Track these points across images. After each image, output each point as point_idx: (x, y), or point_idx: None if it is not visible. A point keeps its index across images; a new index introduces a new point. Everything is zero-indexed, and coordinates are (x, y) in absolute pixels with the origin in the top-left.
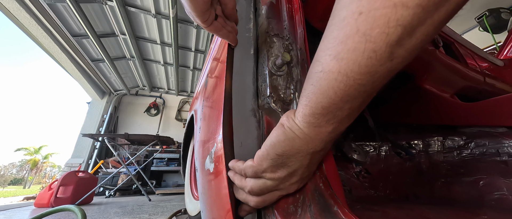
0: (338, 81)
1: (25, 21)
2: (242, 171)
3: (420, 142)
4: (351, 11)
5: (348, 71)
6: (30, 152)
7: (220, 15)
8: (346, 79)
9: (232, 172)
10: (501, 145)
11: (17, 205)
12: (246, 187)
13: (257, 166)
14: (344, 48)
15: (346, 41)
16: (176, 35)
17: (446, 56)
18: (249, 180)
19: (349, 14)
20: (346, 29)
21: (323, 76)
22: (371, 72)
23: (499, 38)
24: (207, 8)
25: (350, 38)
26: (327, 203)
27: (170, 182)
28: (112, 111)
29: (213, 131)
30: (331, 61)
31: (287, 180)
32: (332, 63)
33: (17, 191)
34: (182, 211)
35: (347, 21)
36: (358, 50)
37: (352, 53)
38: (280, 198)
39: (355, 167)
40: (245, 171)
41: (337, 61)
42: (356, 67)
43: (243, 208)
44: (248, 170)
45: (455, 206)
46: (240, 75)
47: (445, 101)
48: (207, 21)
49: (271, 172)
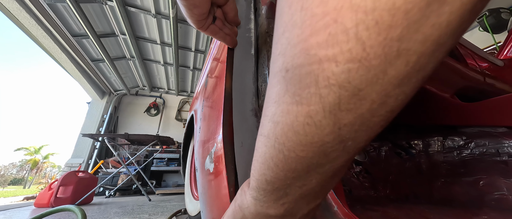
0: (277, 149)
1: (25, 21)
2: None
3: (420, 142)
4: (279, 67)
5: (285, 139)
6: (30, 152)
7: (219, 17)
8: (284, 148)
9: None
10: (501, 145)
11: (17, 205)
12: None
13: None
14: (278, 109)
15: (279, 101)
16: (176, 35)
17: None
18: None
19: (278, 70)
20: (278, 88)
21: (263, 141)
22: (316, 143)
23: (499, 38)
24: (203, 18)
25: (282, 98)
26: (327, 203)
27: (170, 182)
28: (112, 111)
29: (213, 131)
30: (267, 123)
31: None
32: (269, 126)
33: (17, 191)
34: (182, 211)
35: (278, 79)
36: (291, 114)
37: (286, 116)
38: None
39: (355, 167)
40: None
41: (273, 124)
42: (293, 136)
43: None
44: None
45: (455, 206)
46: (240, 75)
47: (445, 101)
48: (202, 27)
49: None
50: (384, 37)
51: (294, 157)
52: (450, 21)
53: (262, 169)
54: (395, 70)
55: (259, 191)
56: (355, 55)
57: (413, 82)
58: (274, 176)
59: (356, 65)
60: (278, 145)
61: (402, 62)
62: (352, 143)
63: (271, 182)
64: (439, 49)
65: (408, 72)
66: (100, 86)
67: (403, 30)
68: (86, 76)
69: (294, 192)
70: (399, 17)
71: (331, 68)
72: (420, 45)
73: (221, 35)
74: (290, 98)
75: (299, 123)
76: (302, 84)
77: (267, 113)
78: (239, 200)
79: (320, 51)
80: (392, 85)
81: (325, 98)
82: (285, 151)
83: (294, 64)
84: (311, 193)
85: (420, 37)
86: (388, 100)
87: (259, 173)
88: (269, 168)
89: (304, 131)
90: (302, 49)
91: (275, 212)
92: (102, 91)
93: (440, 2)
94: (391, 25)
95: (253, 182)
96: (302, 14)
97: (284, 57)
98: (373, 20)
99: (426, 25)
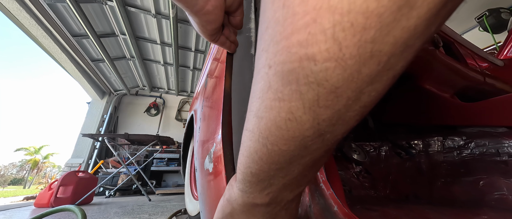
0: (261, 143)
1: (25, 21)
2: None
3: (420, 142)
4: (262, 64)
5: (268, 134)
6: (30, 152)
7: (226, 25)
8: (267, 142)
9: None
10: (501, 145)
11: (17, 205)
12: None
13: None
14: (261, 104)
15: (262, 96)
16: (176, 35)
17: (446, 56)
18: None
19: (261, 67)
20: (261, 84)
21: (248, 135)
22: (297, 137)
23: (499, 38)
24: (216, 32)
25: (265, 94)
26: (327, 203)
27: (170, 182)
28: (112, 111)
29: (213, 131)
30: (252, 118)
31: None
32: (253, 121)
33: (17, 191)
34: (182, 211)
35: (261, 75)
36: (274, 109)
37: (269, 112)
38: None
39: (355, 167)
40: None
41: (257, 119)
42: (276, 130)
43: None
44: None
45: (455, 206)
46: (240, 75)
47: (445, 101)
48: (216, 39)
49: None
50: (359, 39)
51: (277, 150)
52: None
53: (247, 162)
54: (368, 69)
55: (245, 183)
56: (332, 55)
57: (384, 80)
58: (258, 169)
59: (333, 64)
60: (262, 139)
61: (375, 62)
62: (330, 136)
63: (256, 174)
64: (407, 50)
65: (379, 71)
66: (100, 86)
67: (376, 32)
68: (86, 76)
69: (277, 182)
70: (372, 20)
71: (310, 67)
72: (391, 46)
73: (228, 45)
74: (272, 94)
75: (281, 118)
76: (284, 81)
77: (251, 108)
78: (227, 195)
79: (301, 50)
80: (365, 83)
81: (305, 95)
82: (269, 145)
83: (276, 61)
84: (294, 182)
85: (391, 39)
86: (361, 96)
87: (244, 166)
88: (254, 161)
89: (286, 126)
90: (284, 47)
91: (261, 201)
92: (102, 91)
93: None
94: (365, 27)
95: (239, 175)
96: (284, 12)
97: (267, 53)
98: (348, 22)
99: (397, 28)
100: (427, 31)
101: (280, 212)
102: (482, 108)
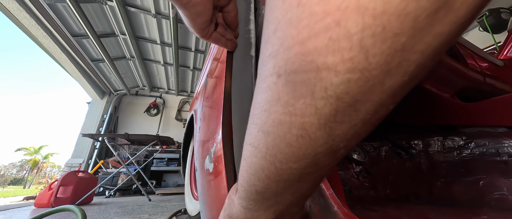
0: (268, 161)
1: (25, 21)
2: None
3: (420, 142)
4: (269, 71)
5: (277, 151)
6: (30, 152)
7: (221, 23)
8: (276, 160)
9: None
10: (501, 145)
11: (17, 205)
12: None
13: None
14: (268, 118)
15: (269, 109)
16: (176, 35)
17: (446, 56)
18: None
19: (268, 75)
20: (268, 94)
21: (252, 151)
22: (308, 155)
23: (499, 38)
24: (206, 26)
25: (273, 107)
26: (327, 203)
27: (170, 182)
28: (112, 111)
29: (213, 131)
30: (257, 132)
31: None
32: (259, 136)
33: (17, 191)
34: (182, 211)
35: (268, 84)
36: (284, 125)
37: (278, 127)
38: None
39: (355, 167)
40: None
41: (263, 134)
42: (286, 148)
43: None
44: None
45: (455, 206)
46: (240, 76)
47: (445, 101)
48: (206, 35)
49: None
50: (389, 46)
51: (287, 168)
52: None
53: (251, 180)
54: (392, 81)
55: (249, 201)
56: (357, 65)
57: (405, 91)
58: (264, 187)
59: (357, 75)
60: (270, 157)
61: (401, 72)
62: (343, 151)
63: (261, 192)
64: (434, 59)
65: (404, 83)
66: (100, 86)
67: (408, 38)
68: (86, 76)
69: (284, 200)
70: (406, 24)
71: (329, 78)
72: (420, 55)
73: (223, 42)
74: (282, 108)
75: (292, 135)
76: (296, 94)
77: (255, 121)
78: (228, 210)
79: (319, 58)
80: (387, 95)
81: (321, 110)
82: (277, 163)
83: (287, 70)
84: (301, 197)
85: (421, 47)
86: (380, 110)
87: (248, 183)
88: (260, 179)
89: (297, 143)
90: (297, 54)
91: (266, 218)
92: (102, 91)
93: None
94: (397, 33)
95: (242, 192)
96: (299, 11)
97: (275, 60)
98: (380, 25)
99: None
100: (455, 38)
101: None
102: (482, 108)
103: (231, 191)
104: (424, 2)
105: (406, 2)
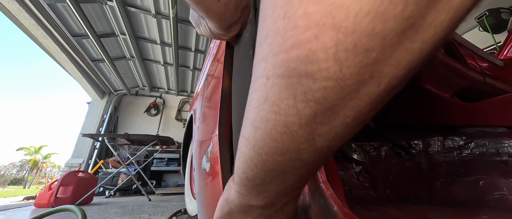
0: (256, 153)
1: (25, 21)
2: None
3: (420, 142)
4: (260, 73)
5: (263, 144)
6: (30, 152)
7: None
8: (262, 152)
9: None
10: (501, 145)
11: (17, 205)
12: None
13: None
14: (258, 115)
15: (259, 107)
16: (176, 35)
17: (446, 56)
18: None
19: (259, 76)
20: (258, 93)
21: (244, 142)
22: (291, 150)
23: (499, 38)
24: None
25: (262, 105)
26: (327, 203)
27: (170, 182)
28: (112, 111)
29: (210, 130)
30: (248, 126)
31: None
32: (250, 129)
33: (17, 191)
34: (182, 211)
35: (259, 84)
36: (270, 122)
37: (265, 123)
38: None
39: (355, 167)
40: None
41: (253, 129)
42: (271, 142)
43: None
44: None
45: (455, 206)
46: (239, 76)
47: (445, 101)
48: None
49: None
50: (360, 60)
51: (272, 160)
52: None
53: (243, 168)
54: (367, 90)
55: (241, 187)
56: (332, 74)
57: (384, 100)
58: (254, 175)
59: (332, 84)
60: (258, 149)
61: (375, 83)
62: (326, 150)
63: (251, 179)
64: (410, 72)
65: (380, 92)
66: (100, 86)
67: (378, 54)
68: (86, 76)
69: (273, 189)
70: (376, 42)
71: (309, 84)
72: (392, 68)
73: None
74: (269, 107)
75: (277, 132)
76: (281, 95)
77: (248, 116)
78: (226, 194)
79: (300, 66)
80: (364, 103)
81: (301, 112)
82: (264, 154)
83: (274, 73)
84: (289, 188)
85: (393, 62)
86: (359, 115)
87: (241, 170)
88: (249, 168)
89: (281, 139)
90: (282, 61)
91: (257, 203)
92: (102, 91)
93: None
94: (368, 49)
95: (236, 178)
96: (285, 23)
97: (265, 63)
98: (352, 42)
99: (400, 50)
100: (431, 54)
101: (275, 213)
102: (482, 109)
103: (231, 178)
104: (391, 24)
105: (374, 23)
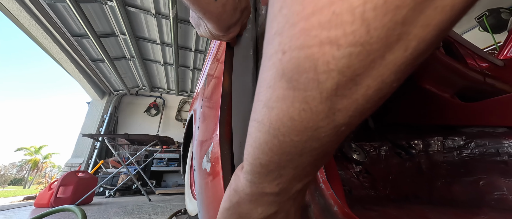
0: (272, 135)
1: (25, 21)
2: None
3: (420, 142)
4: (275, 49)
5: (280, 125)
6: (30, 152)
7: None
8: (278, 133)
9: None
10: (501, 145)
11: (17, 205)
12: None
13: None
14: (273, 94)
15: (274, 85)
16: (176, 35)
17: (446, 56)
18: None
19: (273, 52)
20: (273, 71)
21: (257, 127)
22: (310, 128)
23: (499, 38)
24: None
25: (277, 82)
26: (327, 203)
27: (170, 182)
28: (112, 111)
29: (211, 130)
30: (261, 108)
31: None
32: (263, 111)
33: (17, 191)
34: (182, 211)
35: (273, 62)
36: (287, 100)
37: (282, 102)
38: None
39: (355, 167)
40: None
41: (268, 110)
42: (288, 121)
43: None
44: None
45: (455, 206)
46: (240, 76)
47: (445, 101)
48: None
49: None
50: (390, 19)
51: (289, 141)
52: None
53: (256, 154)
54: (393, 56)
55: (253, 174)
56: (359, 38)
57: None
58: (268, 160)
59: (358, 49)
60: (273, 130)
61: (401, 47)
62: (344, 128)
63: (265, 165)
64: (438, 35)
65: (406, 59)
66: (100, 86)
67: (409, 11)
68: (86, 76)
69: (287, 173)
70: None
71: (332, 52)
72: (421, 29)
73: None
74: (286, 83)
75: (295, 109)
76: (300, 69)
77: (260, 98)
78: (233, 185)
79: (322, 33)
80: (389, 71)
81: (323, 84)
82: (280, 136)
83: (292, 46)
84: (303, 172)
85: (422, 21)
86: (382, 87)
87: (253, 157)
88: (264, 153)
89: (299, 116)
90: (302, 29)
91: (271, 190)
92: (102, 91)
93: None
94: (398, 6)
95: (247, 166)
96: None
97: (281, 37)
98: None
99: (431, 7)
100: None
101: (288, 201)
102: (482, 109)
103: (238, 168)
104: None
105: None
